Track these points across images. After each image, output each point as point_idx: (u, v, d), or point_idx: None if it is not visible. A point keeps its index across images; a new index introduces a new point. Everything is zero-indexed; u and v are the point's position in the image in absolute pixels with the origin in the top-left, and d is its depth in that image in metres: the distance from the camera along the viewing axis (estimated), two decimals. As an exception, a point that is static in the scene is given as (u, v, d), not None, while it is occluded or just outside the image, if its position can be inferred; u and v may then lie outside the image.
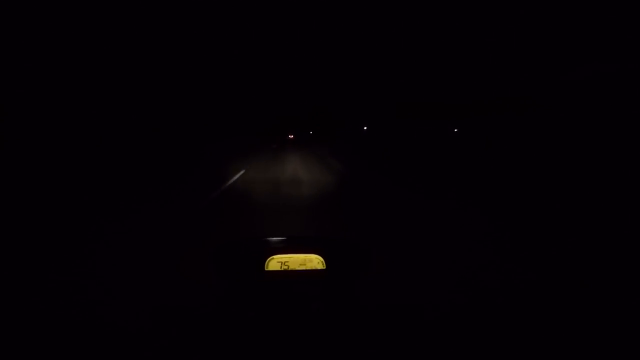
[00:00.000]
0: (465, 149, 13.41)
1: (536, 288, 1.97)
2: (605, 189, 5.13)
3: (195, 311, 0.87)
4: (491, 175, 7.50)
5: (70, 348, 0.82)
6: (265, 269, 0.94)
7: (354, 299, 1.00)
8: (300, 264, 0.96)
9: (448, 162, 10.54)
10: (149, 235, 3.10)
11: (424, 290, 1.88)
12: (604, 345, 1.03)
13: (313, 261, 0.96)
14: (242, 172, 8.00)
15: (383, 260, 2.11)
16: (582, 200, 4.60)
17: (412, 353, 0.77)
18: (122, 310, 1.41)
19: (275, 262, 0.94)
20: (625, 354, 0.98)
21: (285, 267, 0.95)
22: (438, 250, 2.73)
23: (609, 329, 1.24)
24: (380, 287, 1.25)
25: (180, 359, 0.71)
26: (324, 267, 0.97)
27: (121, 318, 0.86)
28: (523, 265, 2.42)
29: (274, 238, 1.00)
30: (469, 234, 3.17)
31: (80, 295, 1.85)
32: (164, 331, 0.79)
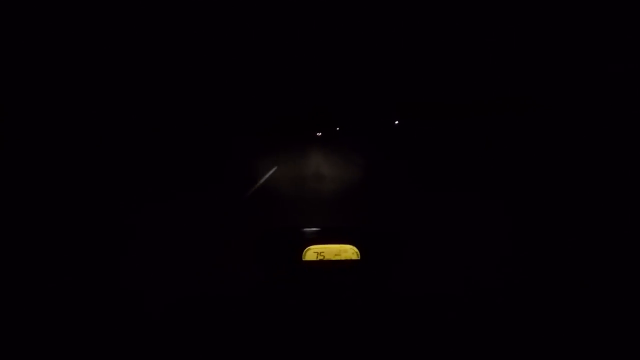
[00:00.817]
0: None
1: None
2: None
3: (235, 300, 0.91)
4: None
5: (113, 333, 0.88)
6: (303, 259, 0.97)
7: (387, 289, 1.01)
8: (335, 255, 0.98)
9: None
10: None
11: (457, 280, 1.85)
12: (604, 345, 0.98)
13: (348, 251, 0.98)
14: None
15: (418, 250, 2.12)
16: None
17: (444, 343, 0.77)
18: (162, 298, 1.49)
19: (312, 253, 0.97)
20: (625, 354, 0.93)
21: (321, 257, 0.97)
22: (471, 242, 2.68)
23: (609, 328, 1.19)
24: (415, 278, 1.25)
25: (220, 346, 0.75)
26: (358, 258, 0.98)
27: (161, 306, 0.91)
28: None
29: (310, 228, 1.03)
30: (499, 228, 3.09)
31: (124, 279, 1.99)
32: (203, 319, 0.83)
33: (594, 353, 0.86)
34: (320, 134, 44.23)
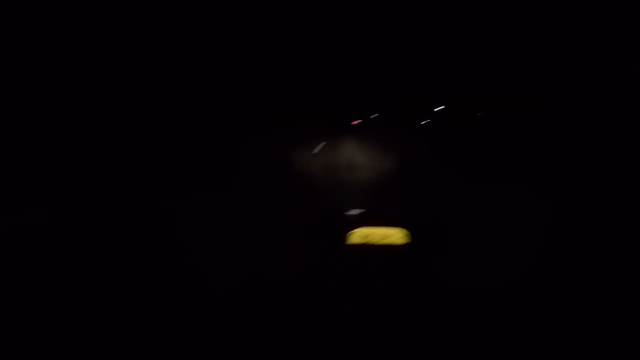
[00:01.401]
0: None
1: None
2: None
3: (283, 282, 0.94)
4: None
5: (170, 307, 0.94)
6: (348, 242, 0.97)
7: (433, 276, 0.99)
8: (381, 238, 0.97)
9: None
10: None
11: (503, 271, 1.78)
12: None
13: (393, 236, 0.97)
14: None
15: (466, 238, 2.07)
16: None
17: (486, 333, 0.75)
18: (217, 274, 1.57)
19: (357, 236, 0.98)
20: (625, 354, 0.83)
21: (367, 241, 0.98)
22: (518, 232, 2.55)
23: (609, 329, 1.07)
24: (461, 266, 1.22)
25: (265, 325, 0.78)
26: (403, 243, 0.97)
27: (215, 282, 0.97)
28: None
29: (355, 211, 1.03)
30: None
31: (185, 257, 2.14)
32: (252, 298, 0.87)
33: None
34: (356, 122, 43.97)
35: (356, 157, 7.98)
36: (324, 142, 12.94)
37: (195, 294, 1.03)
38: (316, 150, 9.41)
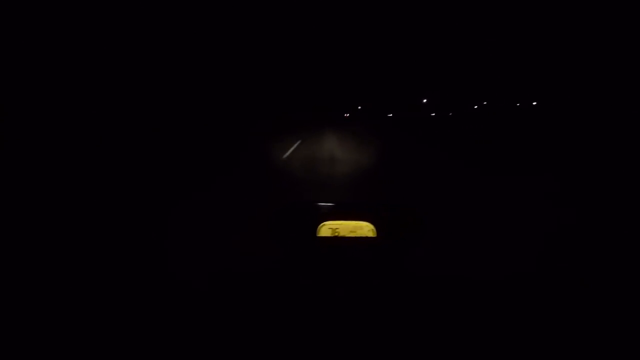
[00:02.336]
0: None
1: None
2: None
3: (253, 276, 0.90)
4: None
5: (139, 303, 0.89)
6: (317, 235, 0.94)
7: (404, 268, 0.98)
8: (351, 231, 0.95)
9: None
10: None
11: (478, 262, 1.80)
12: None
13: (364, 228, 0.95)
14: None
15: (437, 228, 2.08)
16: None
17: (461, 325, 0.74)
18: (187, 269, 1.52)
19: (327, 229, 0.94)
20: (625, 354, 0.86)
21: (336, 234, 0.94)
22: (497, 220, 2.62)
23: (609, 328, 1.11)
24: (434, 257, 1.21)
25: (235, 322, 0.74)
26: (375, 235, 0.95)
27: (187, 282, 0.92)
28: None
29: (325, 203, 1.00)
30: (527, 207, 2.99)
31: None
32: (222, 295, 0.83)
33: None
34: (347, 114, 44.17)
35: (337, 150, 7.99)
36: (304, 139, 12.83)
37: (162, 290, 0.97)
38: (296, 145, 9.33)
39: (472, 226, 2.54)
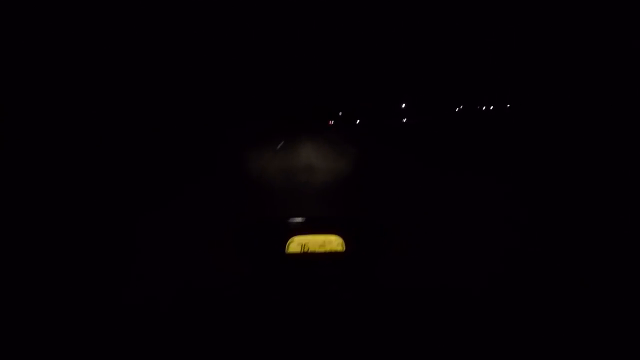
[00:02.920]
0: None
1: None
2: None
3: (220, 293, 0.87)
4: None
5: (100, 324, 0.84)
6: (286, 251, 0.92)
7: (374, 281, 0.98)
8: (320, 246, 0.94)
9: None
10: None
11: (448, 274, 1.84)
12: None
13: (332, 242, 0.94)
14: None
15: (406, 241, 2.10)
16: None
17: (431, 338, 0.74)
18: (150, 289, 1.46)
19: (295, 244, 0.93)
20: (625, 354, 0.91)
21: (305, 249, 0.93)
22: (465, 232, 2.67)
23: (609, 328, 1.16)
24: (403, 269, 1.22)
25: (203, 341, 0.71)
26: (344, 249, 0.95)
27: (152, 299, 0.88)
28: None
29: (293, 219, 0.99)
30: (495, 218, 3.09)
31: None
32: (188, 313, 0.80)
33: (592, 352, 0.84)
34: (332, 122, 44.25)
35: (313, 160, 7.99)
36: (282, 142, 12.86)
37: (129, 307, 0.92)
38: (270, 155, 9.27)
39: (442, 237, 2.59)
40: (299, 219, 0.98)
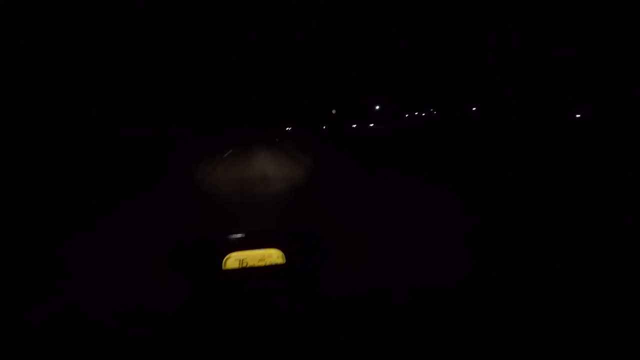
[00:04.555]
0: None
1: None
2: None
3: (161, 312, 0.84)
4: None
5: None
6: (223, 268, 0.91)
7: (317, 290, 1.00)
8: (260, 260, 0.94)
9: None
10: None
11: (388, 276, 1.91)
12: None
13: (272, 256, 0.95)
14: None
15: (346, 248, 2.12)
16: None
17: (378, 339, 0.78)
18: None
19: (233, 260, 0.92)
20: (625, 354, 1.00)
21: (244, 265, 0.93)
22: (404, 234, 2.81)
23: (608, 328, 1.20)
24: (345, 276, 1.26)
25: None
26: (284, 261, 0.96)
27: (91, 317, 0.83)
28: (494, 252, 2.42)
29: (231, 235, 0.98)
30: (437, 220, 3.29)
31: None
32: (129, 331, 0.76)
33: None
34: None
35: (264, 169, 7.87)
36: (230, 151, 12.52)
37: (62, 329, 0.84)
38: (225, 156, 8.96)
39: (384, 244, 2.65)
40: (237, 235, 0.98)
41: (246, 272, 0.93)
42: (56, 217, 3.91)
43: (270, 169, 7.85)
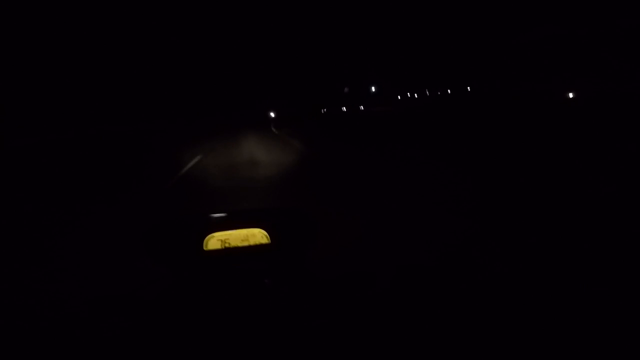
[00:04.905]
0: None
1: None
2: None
3: (138, 299, 0.80)
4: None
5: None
6: (204, 249, 0.87)
7: (304, 271, 0.98)
8: (243, 240, 0.90)
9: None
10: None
11: (376, 257, 1.91)
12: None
13: (256, 236, 0.91)
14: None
15: (334, 228, 2.10)
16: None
17: (365, 321, 0.76)
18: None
19: (215, 241, 0.88)
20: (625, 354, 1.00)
21: (227, 245, 0.89)
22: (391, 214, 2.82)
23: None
24: (332, 257, 1.25)
25: (125, 350, 0.65)
26: (269, 241, 0.92)
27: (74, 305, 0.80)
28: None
29: (212, 215, 0.94)
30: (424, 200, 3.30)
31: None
32: (107, 322, 0.73)
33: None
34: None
35: (251, 156, 7.70)
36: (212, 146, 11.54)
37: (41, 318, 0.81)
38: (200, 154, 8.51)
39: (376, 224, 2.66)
40: (219, 215, 0.94)
41: (229, 253, 0.89)
42: (34, 209, 3.81)
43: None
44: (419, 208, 3.12)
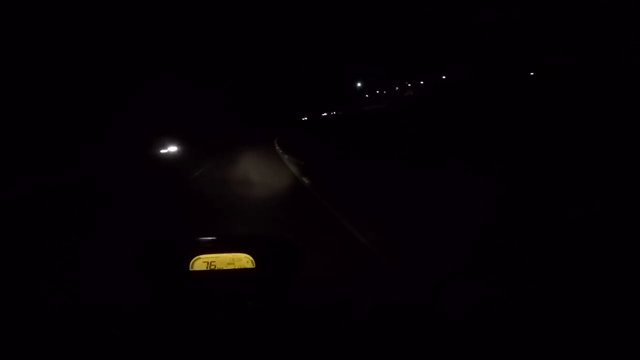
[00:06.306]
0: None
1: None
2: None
3: (122, 313, 0.82)
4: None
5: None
6: (190, 269, 0.91)
7: (287, 297, 1.01)
8: (228, 264, 0.94)
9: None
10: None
11: (359, 286, 1.92)
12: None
13: (242, 260, 0.95)
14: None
15: (317, 257, 2.09)
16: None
17: (347, 349, 0.78)
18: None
19: (201, 262, 0.92)
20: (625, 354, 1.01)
21: (212, 267, 0.93)
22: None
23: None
24: (315, 285, 1.27)
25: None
26: (254, 266, 0.96)
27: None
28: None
29: (201, 238, 0.98)
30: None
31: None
32: (88, 332, 0.74)
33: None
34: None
35: (245, 175, 7.66)
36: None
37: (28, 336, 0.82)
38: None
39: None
40: (207, 238, 0.98)
41: (214, 275, 0.93)
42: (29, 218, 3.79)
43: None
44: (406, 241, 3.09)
